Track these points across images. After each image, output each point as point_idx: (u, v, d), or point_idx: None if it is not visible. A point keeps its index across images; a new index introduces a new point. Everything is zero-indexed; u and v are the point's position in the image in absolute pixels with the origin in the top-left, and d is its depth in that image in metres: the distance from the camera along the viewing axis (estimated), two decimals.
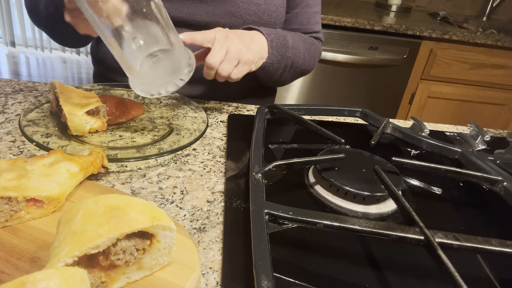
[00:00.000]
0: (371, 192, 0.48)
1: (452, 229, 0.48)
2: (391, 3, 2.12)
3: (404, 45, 1.79)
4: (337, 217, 0.40)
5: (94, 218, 0.31)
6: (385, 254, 0.42)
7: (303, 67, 0.82)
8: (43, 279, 0.25)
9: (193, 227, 0.44)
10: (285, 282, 0.37)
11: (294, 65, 0.79)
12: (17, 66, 3.29)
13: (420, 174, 0.58)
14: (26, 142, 0.56)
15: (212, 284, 0.37)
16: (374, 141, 0.62)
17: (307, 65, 0.83)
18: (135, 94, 0.72)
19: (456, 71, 1.85)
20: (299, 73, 0.83)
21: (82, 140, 0.57)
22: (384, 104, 1.95)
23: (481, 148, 0.67)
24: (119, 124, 0.63)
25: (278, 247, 0.40)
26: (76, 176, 0.44)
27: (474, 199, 0.55)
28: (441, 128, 0.79)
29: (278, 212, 0.40)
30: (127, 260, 0.32)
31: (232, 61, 0.63)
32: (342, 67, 1.84)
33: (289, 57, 0.76)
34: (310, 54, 0.83)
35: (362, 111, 0.71)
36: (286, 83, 0.84)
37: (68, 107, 0.56)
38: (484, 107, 1.95)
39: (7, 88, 0.72)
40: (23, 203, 0.39)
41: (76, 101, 0.57)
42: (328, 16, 1.71)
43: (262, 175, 0.47)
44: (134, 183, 0.50)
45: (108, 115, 0.61)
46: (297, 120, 0.66)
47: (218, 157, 0.58)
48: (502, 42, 1.75)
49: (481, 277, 0.41)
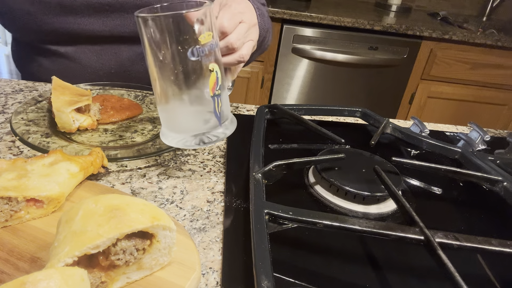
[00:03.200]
0: (371, 192, 0.48)
1: (452, 229, 0.48)
2: (391, 3, 2.12)
3: (404, 45, 1.79)
4: (337, 217, 0.40)
5: (94, 218, 0.31)
6: (385, 254, 0.42)
7: (268, 43, 0.78)
8: (43, 279, 0.25)
9: (193, 227, 0.44)
10: (285, 282, 0.37)
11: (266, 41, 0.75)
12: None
13: (420, 174, 0.58)
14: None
15: (212, 284, 0.37)
16: (374, 141, 0.62)
17: (270, 40, 0.79)
18: (134, 94, 0.72)
19: (456, 71, 1.85)
20: (262, 50, 0.79)
21: (82, 140, 0.57)
22: (384, 104, 1.95)
23: (481, 148, 0.67)
24: (118, 124, 0.63)
25: (278, 247, 0.40)
26: (76, 176, 0.44)
27: (474, 199, 0.55)
28: (441, 128, 0.79)
29: (278, 212, 0.40)
30: (127, 260, 0.32)
31: (245, 33, 0.55)
32: (342, 67, 1.84)
33: (266, 28, 0.71)
34: (271, 28, 0.78)
35: (362, 111, 0.71)
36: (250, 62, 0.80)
37: (57, 103, 0.56)
38: (484, 107, 1.95)
39: (7, 88, 0.72)
40: (23, 203, 0.38)
41: (67, 98, 0.58)
42: (328, 16, 1.71)
43: (262, 175, 0.47)
44: (134, 183, 0.50)
45: (101, 114, 0.61)
46: (297, 120, 0.66)
47: (218, 157, 0.58)
48: (502, 42, 1.75)
49: (481, 277, 0.41)
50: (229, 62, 0.55)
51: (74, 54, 0.76)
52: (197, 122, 0.48)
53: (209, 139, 0.48)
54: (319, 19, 1.71)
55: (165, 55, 0.45)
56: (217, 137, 0.49)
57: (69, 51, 0.76)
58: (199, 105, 0.47)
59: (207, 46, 0.45)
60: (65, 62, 0.77)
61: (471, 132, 0.69)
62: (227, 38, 0.52)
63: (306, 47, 1.78)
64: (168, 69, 0.45)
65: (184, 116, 0.49)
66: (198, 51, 0.44)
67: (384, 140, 0.69)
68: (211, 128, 0.49)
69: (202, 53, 0.45)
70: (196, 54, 0.44)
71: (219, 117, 0.48)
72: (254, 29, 0.58)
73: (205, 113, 0.48)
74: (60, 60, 0.77)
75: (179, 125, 0.50)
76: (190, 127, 0.49)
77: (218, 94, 0.47)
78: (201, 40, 0.44)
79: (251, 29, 0.57)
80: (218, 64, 0.47)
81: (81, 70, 0.77)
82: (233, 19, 0.53)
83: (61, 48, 0.76)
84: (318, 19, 1.71)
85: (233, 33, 0.53)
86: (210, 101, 0.46)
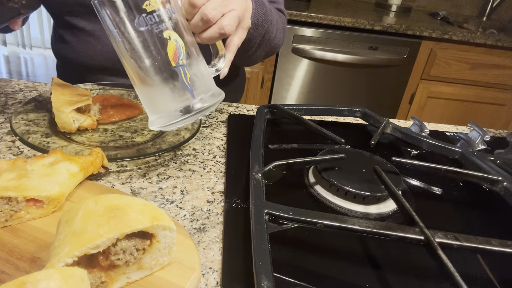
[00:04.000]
0: (371, 192, 0.48)
1: (452, 229, 0.48)
2: (391, 3, 2.12)
3: (404, 45, 1.79)
4: (337, 217, 0.40)
5: (94, 218, 0.31)
6: (385, 254, 0.42)
7: (275, 41, 0.75)
8: (43, 279, 0.25)
9: (193, 227, 0.44)
10: (285, 282, 0.37)
11: (268, 35, 0.71)
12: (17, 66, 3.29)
13: (420, 174, 0.58)
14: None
15: (212, 284, 0.37)
16: (374, 141, 0.62)
17: (278, 38, 0.76)
18: (134, 94, 0.72)
19: (456, 71, 1.85)
20: (270, 48, 0.76)
21: (82, 140, 0.57)
22: (384, 104, 1.95)
23: (481, 148, 0.67)
24: (118, 124, 0.63)
25: (278, 247, 0.40)
26: (76, 176, 0.44)
27: (474, 199, 0.55)
28: (441, 128, 0.79)
29: (278, 212, 0.40)
30: (127, 260, 0.32)
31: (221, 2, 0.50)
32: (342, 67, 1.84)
33: (269, 20, 0.68)
34: (279, 26, 0.75)
35: (362, 111, 0.71)
36: (258, 60, 0.78)
37: (57, 103, 0.56)
38: (484, 107, 1.95)
39: (7, 88, 0.72)
40: (23, 203, 0.38)
41: (67, 98, 0.58)
42: (328, 16, 1.71)
43: (262, 175, 0.47)
44: (134, 183, 0.50)
45: (101, 114, 0.61)
46: (297, 120, 0.66)
47: (218, 157, 0.58)
48: (502, 42, 1.75)
49: (481, 277, 0.41)
50: (209, 36, 0.49)
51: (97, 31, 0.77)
52: (170, 98, 0.45)
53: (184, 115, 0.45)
54: (319, 19, 1.71)
55: (119, 34, 0.43)
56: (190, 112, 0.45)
57: (93, 28, 0.77)
58: (166, 78, 0.45)
59: (155, 13, 0.43)
60: (88, 39, 0.78)
61: (471, 132, 0.69)
62: (200, 10, 0.48)
63: (306, 47, 1.78)
64: (126, 46, 0.43)
65: (156, 94, 0.46)
66: (145, 20, 0.42)
67: (384, 140, 0.69)
68: (185, 102, 0.45)
69: (151, 21, 0.42)
70: (143, 23, 0.42)
71: (191, 90, 0.45)
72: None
73: (175, 87, 0.45)
74: (83, 37, 0.78)
75: (155, 104, 0.47)
76: (165, 105, 0.46)
77: (183, 64, 0.44)
78: (147, 8, 0.42)
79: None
80: (178, 31, 0.45)
81: (103, 47, 0.78)
82: None
83: (83, 22, 0.77)
84: (318, 19, 1.71)
85: (207, 4, 0.48)
86: (176, 72, 0.44)
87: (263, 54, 0.77)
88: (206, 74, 0.49)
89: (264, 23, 0.67)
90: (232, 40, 0.55)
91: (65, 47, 0.81)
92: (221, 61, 0.53)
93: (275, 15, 0.72)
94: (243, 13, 0.54)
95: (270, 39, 0.73)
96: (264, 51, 0.76)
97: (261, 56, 0.77)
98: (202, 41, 0.50)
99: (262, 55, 0.77)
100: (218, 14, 0.49)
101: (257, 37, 0.69)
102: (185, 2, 0.48)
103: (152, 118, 0.48)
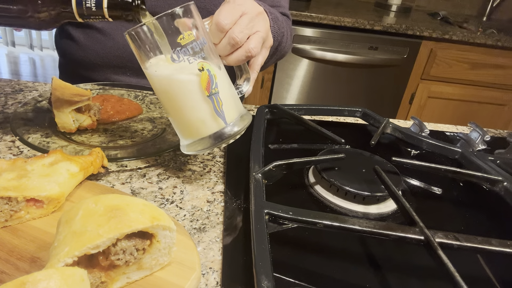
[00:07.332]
0: (371, 192, 0.48)
1: (452, 229, 0.48)
2: (391, 3, 2.12)
3: (404, 45, 1.79)
4: (337, 217, 0.40)
5: (94, 218, 0.31)
6: (385, 254, 0.42)
7: (285, 49, 0.77)
8: (43, 279, 0.25)
9: (193, 227, 0.44)
10: (285, 282, 0.37)
11: (281, 46, 0.73)
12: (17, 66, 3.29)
13: (420, 174, 0.58)
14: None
15: (212, 284, 0.37)
16: (374, 141, 0.62)
17: (288, 46, 0.77)
18: (134, 94, 0.72)
19: (456, 71, 1.85)
20: (280, 56, 0.77)
21: (82, 140, 0.57)
22: (384, 104, 1.95)
23: (481, 148, 0.67)
24: (118, 124, 0.63)
25: (278, 247, 0.40)
26: (76, 176, 0.44)
27: (474, 199, 0.55)
28: (441, 128, 0.79)
29: (278, 212, 0.40)
30: (127, 260, 0.32)
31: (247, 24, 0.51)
32: (342, 67, 1.84)
33: (282, 33, 0.70)
34: (288, 34, 0.77)
35: (362, 111, 0.71)
36: (266, 68, 0.79)
37: (57, 103, 0.56)
38: (484, 107, 1.95)
39: (7, 88, 0.72)
40: (23, 203, 0.38)
41: (67, 98, 0.58)
42: (328, 16, 1.71)
43: (262, 175, 0.47)
44: (134, 183, 0.50)
45: (101, 114, 0.61)
46: (297, 120, 0.66)
47: (218, 157, 0.58)
48: (502, 42, 1.75)
49: (481, 277, 0.41)
50: (236, 59, 0.51)
51: (108, 28, 0.77)
52: (203, 126, 0.47)
53: (217, 141, 0.47)
54: (319, 19, 1.71)
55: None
56: (223, 138, 0.48)
57: (104, 25, 0.77)
58: (201, 107, 0.47)
59: (189, 46, 0.44)
60: (97, 36, 0.78)
61: (471, 132, 0.69)
62: (227, 34, 0.49)
63: (306, 47, 1.78)
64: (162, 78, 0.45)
65: (189, 122, 0.48)
66: (179, 54, 0.44)
67: (384, 140, 0.69)
68: (219, 128, 0.47)
69: (185, 54, 0.44)
70: (178, 57, 0.44)
71: (223, 116, 0.47)
72: (259, 18, 0.54)
73: (208, 114, 0.47)
74: (92, 34, 0.78)
75: (188, 131, 0.49)
76: (198, 132, 0.48)
77: (216, 92, 0.46)
78: (181, 42, 0.44)
79: (256, 19, 0.53)
80: (210, 61, 0.46)
81: (113, 45, 0.78)
82: (231, 13, 0.50)
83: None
84: (318, 19, 1.71)
85: (234, 27, 0.49)
86: (209, 101, 0.46)
87: (273, 62, 0.79)
88: (235, 97, 0.51)
89: (278, 36, 0.69)
90: (257, 60, 0.56)
91: (71, 44, 0.81)
92: (246, 82, 0.55)
93: (285, 25, 0.74)
94: (267, 33, 0.55)
95: (281, 49, 0.75)
96: (275, 59, 0.78)
97: (270, 63, 0.79)
98: (228, 63, 0.51)
99: (272, 63, 0.79)
100: (244, 37, 0.50)
101: (271, 50, 0.71)
102: (213, 27, 0.49)
103: (184, 142, 0.50)
